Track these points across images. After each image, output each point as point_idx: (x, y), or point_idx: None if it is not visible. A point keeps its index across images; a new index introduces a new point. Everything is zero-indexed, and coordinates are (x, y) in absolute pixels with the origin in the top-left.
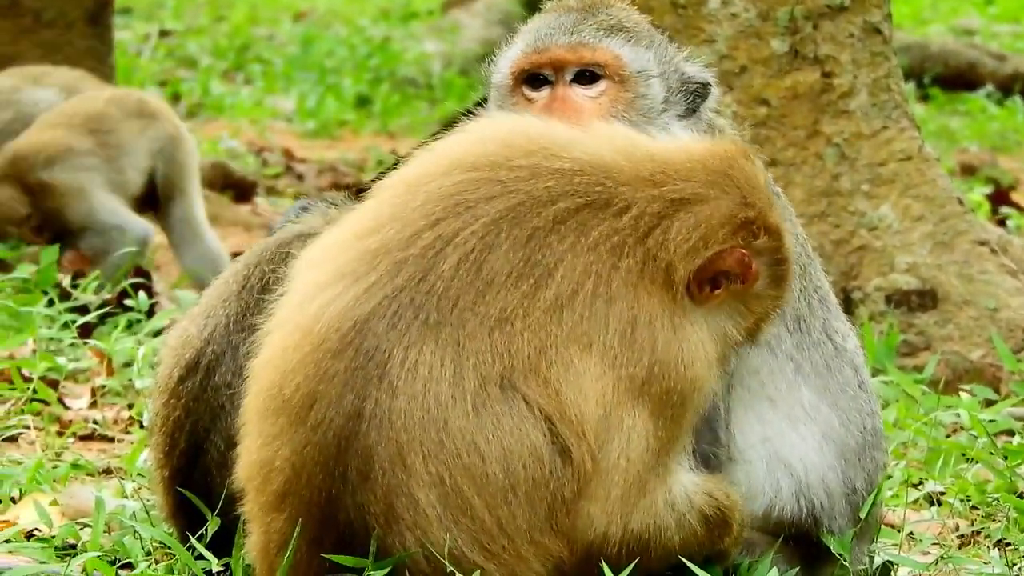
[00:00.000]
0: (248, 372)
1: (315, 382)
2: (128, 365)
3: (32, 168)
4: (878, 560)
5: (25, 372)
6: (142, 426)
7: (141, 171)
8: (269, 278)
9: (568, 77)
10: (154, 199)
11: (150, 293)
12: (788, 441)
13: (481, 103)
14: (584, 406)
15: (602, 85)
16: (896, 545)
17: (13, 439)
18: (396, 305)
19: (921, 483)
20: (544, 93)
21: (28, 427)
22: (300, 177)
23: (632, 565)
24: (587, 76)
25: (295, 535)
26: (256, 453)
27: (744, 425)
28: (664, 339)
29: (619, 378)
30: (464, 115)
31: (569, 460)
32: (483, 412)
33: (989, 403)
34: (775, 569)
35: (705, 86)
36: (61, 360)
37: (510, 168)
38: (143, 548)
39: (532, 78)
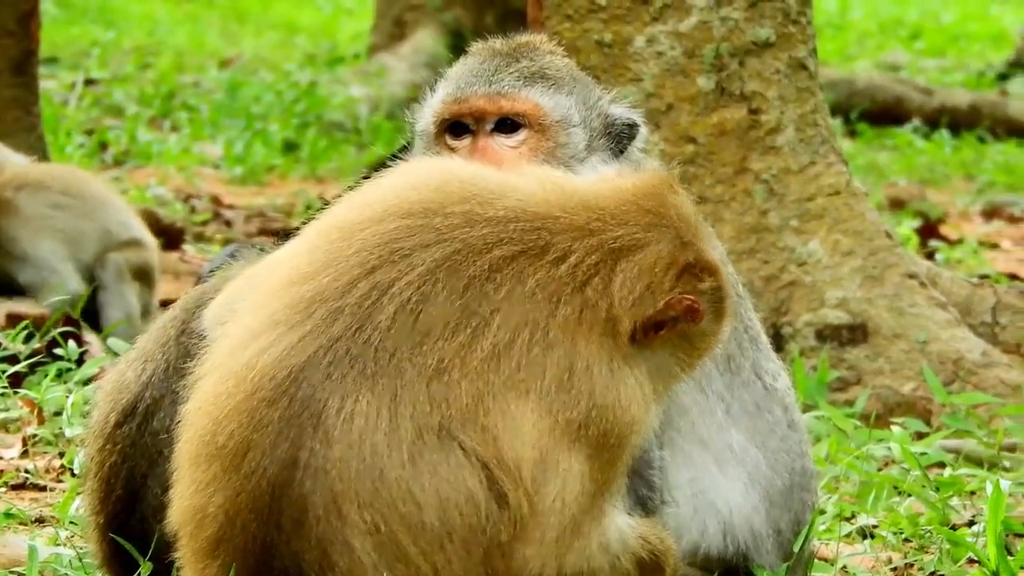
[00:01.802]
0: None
1: (249, 430)
2: (59, 414)
3: (4, 185)
4: None
5: None
6: (74, 474)
7: (94, 251)
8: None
9: (488, 126)
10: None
11: (80, 342)
12: (715, 483)
13: (408, 147)
14: (521, 451)
15: (522, 134)
16: None
17: None
18: (332, 355)
19: (854, 516)
20: (466, 142)
21: None
22: (228, 223)
23: None
24: (508, 125)
25: None
26: (189, 499)
27: (672, 466)
28: (602, 384)
29: (556, 423)
30: (391, 160)
31: (506, 505)
32: (419, 461)
33: (920, 436)
34: None
35: (632, 126)
36: None
37: (445, 215)
38: None
39: (454, 127)
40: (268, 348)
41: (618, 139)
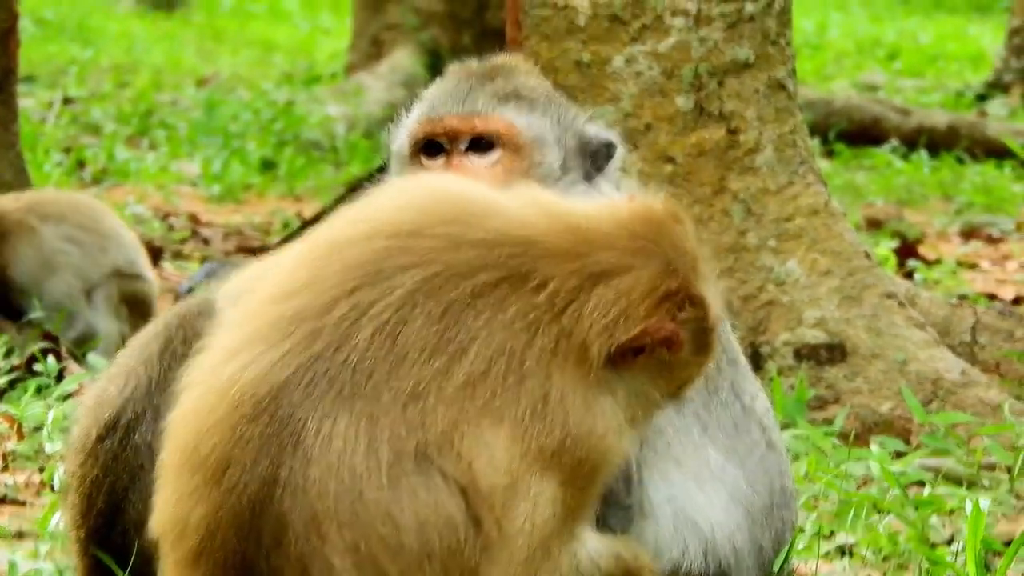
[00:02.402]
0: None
1: (230, 446)
2: (38, 429)
3: (27, 212)
4: None
5: None
6: (54, 490)
7: (100, 284)
8: (192, 340)
9: (462, 146)
10: None
11: (59, 358)
12: (694, 501)
13: (385, 167)
14: (493, 477)
15: (496, 154)
16: None
17: None
18: (311, 375)
19: (832, 535)
20: (440, 162)
21: None
22: (206, 241)
23: None
24: (481, 144)
25: None
26: (171, 509)
27: (650, 484)
28: (576, 414)
29: (528, 449)
30: (369, 179)
31: (480, 530)
32: (398, 484)
33: (899, 455)
34: None
35: (609, 146)
36: None
37: (429, 236)
38: None
39: (429, 146)
40: (250, 364)
41: (594, 159)
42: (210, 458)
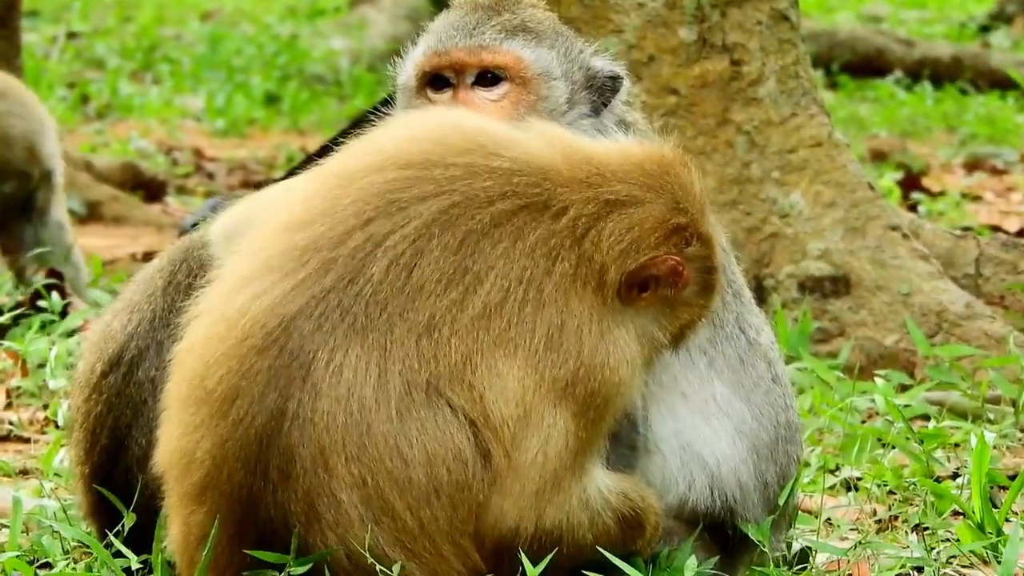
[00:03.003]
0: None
1: (238, 377)
2: (42, 366)
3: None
4: (796, 546)
5: None
6: (58, 427)
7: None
8: (196, 274)
9: (469, 80)
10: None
11: (63, 294)
12: (701, 435)
13: (389, 100)
14: (505, 408)
15: (504, 87)
16: (814, 531)
17: None
18: (323, 306)
19: (838, 469)
20: (447, 96)
21: None
22: (210, 176)
23: (548, 559)
24: (488, 78)
25: (215, 529)
26: (177, 441)
27: (657, 419)
28: (591, 343)
29: (542, 379)
30: (373, 113)
31: (489, 463)
32: (407, 417)
33: (904, 388)
34: (694, 557)
35: (615, 79)
36: None
37: (445, 166)
38: (62, 547)
39: (435, 80)
40: (261, 295)
41: (601, 92)
42: (217, 390)
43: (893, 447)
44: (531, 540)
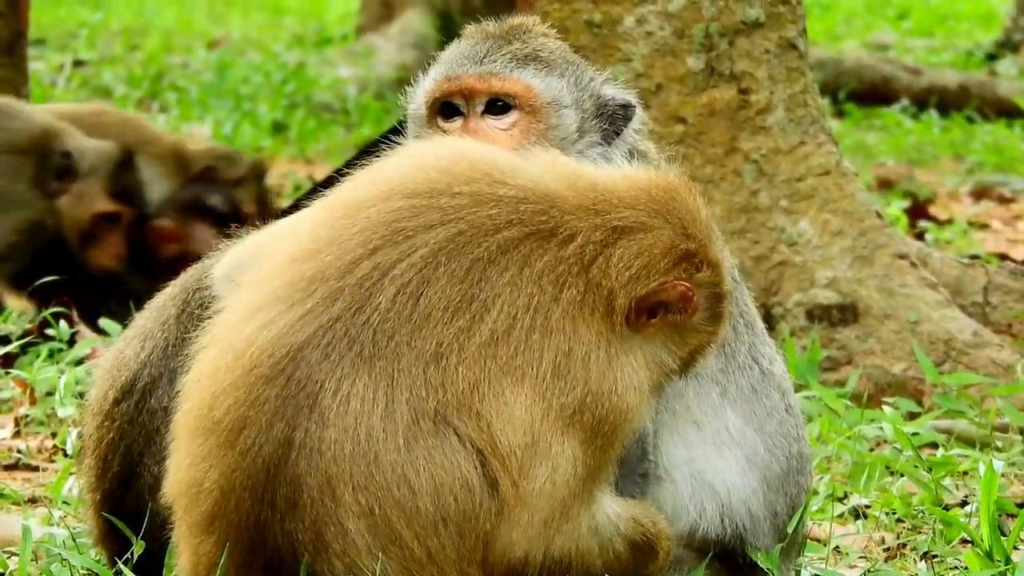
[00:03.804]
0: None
1: (245, 407)
2: (51, 394)
3: None
4: (805, 574)
5: None
6: (66, 455)
7: None
8: (209, 303)
9: (479, 108)
10: None
11: (71, 322)
12: (712, 464)
13: (399, 129)
14: (513, 437)
15: (513, 116)
16: (823, 559)
17: None
18: (331, 336)
19: (846, 497)
20: (457, 124)
21: None
22: None
23: None
24: (498, 106)
25: (223, 559)
26: (185, 472)
27: (669, 446)
28: (598, 371)
29: (549, 407)
30: (381, 141)
31: (497, 492)
32: (415, 446)
33: (912, 416)
34: None
35: (627, 107)
36: None
37: (451, 195)
38: (71, 575)
39: (445, 108)
40: (268, 325)
41: (612, 120)
42: (225, 420)
43: (901, 475)
44: (540, 569)
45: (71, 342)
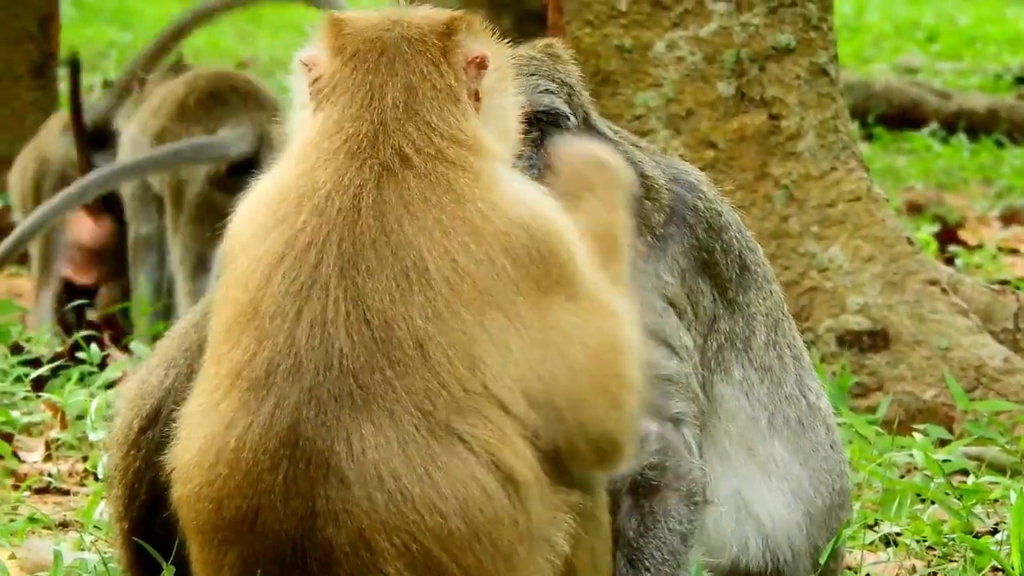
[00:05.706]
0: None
1: (255, 499)
2: (81, 418)
3: None
4: None
5: None
6: (97, 478)
7: None
8: None
9: None
10: None
11: (102, 345)
12: (759, 494)
13: None
14: (521, 355)
15: None
16: None
17: None
18: (316, 405)
19: (877, 524)
20: None
21: None
22: None
23: None
24: None
25: None
26: (202, 565)
27: (720, 471)
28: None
29: (518, 290)
30: None
31: (516, 484)
32: (434, 470)
33: (943, 443)
34: None
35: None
36: (14, 414)
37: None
38: None
39: None
40: (250, 426)
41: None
42: (236, 517)
43: (932, 502)
44: None
45: (102, 365)
